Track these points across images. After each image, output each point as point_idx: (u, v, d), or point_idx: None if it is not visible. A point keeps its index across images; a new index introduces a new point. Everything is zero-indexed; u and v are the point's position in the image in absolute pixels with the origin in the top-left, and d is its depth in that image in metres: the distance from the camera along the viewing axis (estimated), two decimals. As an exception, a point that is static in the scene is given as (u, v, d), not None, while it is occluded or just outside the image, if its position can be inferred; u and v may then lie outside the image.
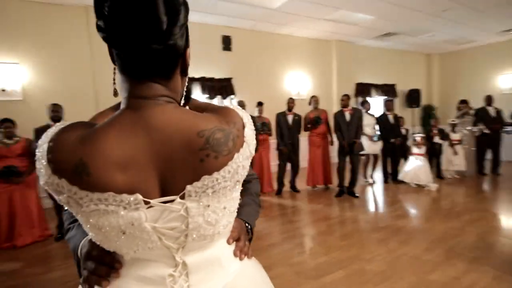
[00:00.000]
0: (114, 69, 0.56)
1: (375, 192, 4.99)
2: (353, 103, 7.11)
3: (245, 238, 0.75)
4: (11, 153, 3.22)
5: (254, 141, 0.63)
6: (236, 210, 0.66)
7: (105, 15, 0.48)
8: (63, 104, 3.57)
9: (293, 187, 5.03)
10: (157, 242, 0.55)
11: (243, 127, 0.60)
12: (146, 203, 0.52)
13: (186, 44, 0.58)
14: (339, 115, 4.69)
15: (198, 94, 5.77)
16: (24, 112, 4.32)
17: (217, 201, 0.58)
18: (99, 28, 0.50)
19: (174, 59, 0.57)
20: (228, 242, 0.68)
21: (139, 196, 0.51)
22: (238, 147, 0.58)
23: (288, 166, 5.01)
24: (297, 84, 6.97)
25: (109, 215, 0.51)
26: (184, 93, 0.68)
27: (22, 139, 3.35)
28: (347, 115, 4.64)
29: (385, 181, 5.44)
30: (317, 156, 5.01)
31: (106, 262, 0.58)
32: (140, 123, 0.53)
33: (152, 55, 0.52)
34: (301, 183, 5.12)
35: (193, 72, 5.70)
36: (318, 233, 3.35)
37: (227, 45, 6.04)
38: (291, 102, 4.98)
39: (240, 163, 0.59)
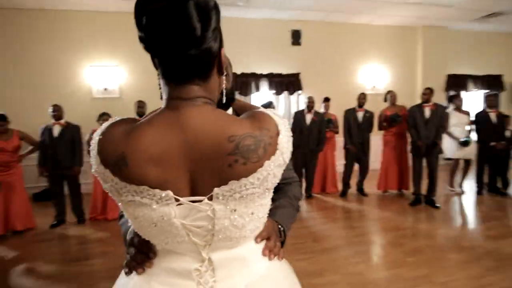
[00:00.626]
0: (158, 74, 0.60)
1: (463, 204, 4.24)
2: (442, 98, 6.16)
3: (275, 239, 0.74)
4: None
5: (290, 149, 0.62)
6: (266, 216, 0.67)
7: (144, 27, 0.52)
8: (152, 101, 4.10)
9: (360, 190, 4.66)
10: (185, 237, 0.59)
11: (277, 134, 0.59)
12: (177, 200, 0.55)
13: (220, 45, 0.60)
14: (415, 110, 4.13)
15: (265, 90, 5.84)
16: (120, 107, 5.11)
17: (244, 206, 0.59)
18: (140, 39, 0.54)
19: (210, 61, 0.58)
20: (256, 241, 0.68)
21: (170, 193, 0.55)
22: (269, 154, 0.58)
23: (356, 166, 4.66)
24: (373, 77, 6.38)
25: (143, 207, 0.56)
26: (225, 93, 0.70)
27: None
28: (427, 111, 4.04)
29: (479, 192, 4.55)
30: (392, 157, 4.52)
31: (143, 251, 0.64)
32: (177, 122, 0.56)
33: (189, 60, 0.55)
34: (370, 186, 4.71)
35: (260, 69, 5.79)
36: (382, 243, 3.04)
37: (297, 39, 5.93)
38: (362, 98, 4.60)
39: (271, 171, 0.59)
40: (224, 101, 0.74)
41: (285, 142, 0.60)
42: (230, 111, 0.95)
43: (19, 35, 5.01)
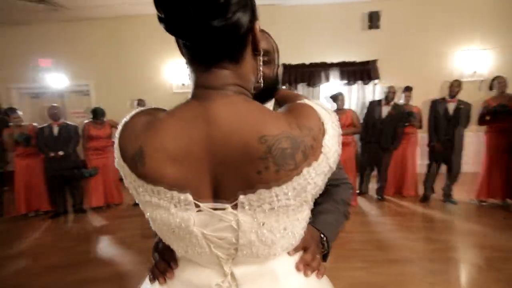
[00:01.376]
0: (186, 63, 0.53)
1: None
2: None
3: (315, 250, 0.64)
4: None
5: (338, 151, 0.51)
6: (302, 232, 0.56)
7: (161, 2, 0.45)
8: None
9: (447, 196, 3.93)
10: (205, 249, 0.51)
11: (323, 133, 0.48)
12: (197, 205, 0.48)
13: (253, 17, 0.49)
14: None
15: (335, 81, 5.45)
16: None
17: (275, 219, 0.49)
18: (159, 19, 0.47)
19: (240, 36, 0.48)
20: (289, 253, 0.58)
21: (189, 197, 0.48)
22: (311, 160, 0.47)
23: (443, 168, 3.94)
24: (473, 62, 5.25)
25: (161, 210, 0.50)
26: (264, 81, 0.62)
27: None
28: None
29: None
30: (499, 160, 3.63)
31: (165, 259, 0.60)
32: (202, 115, 0.48)
33: (214, 35, 0.45)
34: (461, 192, 3.94)
35: (330, 57, 5.40)
36: (469, 265, 2.49)
37: (374, 22, 5.30)
38: (455, 86, 3.81)
39: (311, 180, 0.48)
40: (262, 90, 0.66)
41: (332, 144, 0.50)
42: (271, 103, 0.87)
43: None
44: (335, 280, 0.67)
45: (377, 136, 3.92)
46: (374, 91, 5.46)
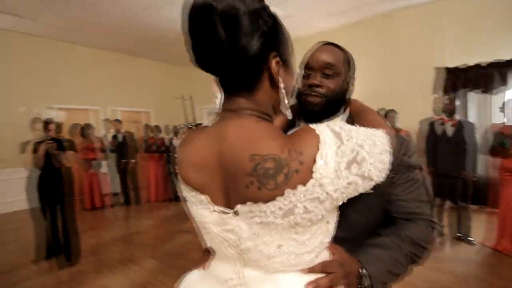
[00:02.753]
0: None
1: None
2: None
3: (337, 279, 0.59)
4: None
5: (340, 181, 0.50)
6: (308, 256, 0.57)
7: (188, 41, 0.55)
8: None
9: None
10: (221, 245, 0.58)
11: (314, 159, 0.49)
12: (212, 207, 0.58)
13: (265, 52, 0.54)
14: None
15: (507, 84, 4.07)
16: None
17: (268, 234, 0.54)
18: (189, 55, 0.56)
19: (248, 69, 0.54)
20: (302, 271, 0.58)
21: (205, 199, 0.57)
22: (295, 183, 0.49)
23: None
24: None
25: (193, 205, 0.61)
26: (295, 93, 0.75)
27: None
28: None
29: None
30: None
31: (208, 249, 0.69)
32: (218, 133, 0.56)
33: (223, 69, 0.54)
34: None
35: (509, 53, 4.05)
36: None
37: None
38: None
39: (300, 204, 0.50)
40: (327, 104, 0.76)
41: (330, 171, 0.49)
42: (344, 116, 0.83)
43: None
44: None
45: None
46: None
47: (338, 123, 0.55)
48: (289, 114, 0.60)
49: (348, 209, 0.67)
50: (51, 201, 3.10)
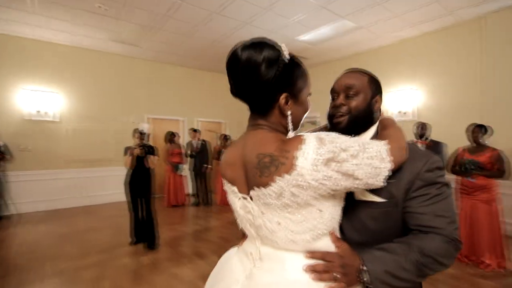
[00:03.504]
0: None
1: None
2: None
3: (334, 267, 0.71)
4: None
5: (318, 173, 0.64)
6: (303, 234, 0.71)
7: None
8: (450, 121, 4.07)
9: None
10: (246, 225, 0.79)
11: (295, 156, 0.66)
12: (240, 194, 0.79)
13: (276, 90, 0.74)
14: None
15: None
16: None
17: (270, 213, 0.71)
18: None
19: (261, 102, 0.76)
20: (306, 255, 0.73)
21: (235, 189, 0.79)
22: (281, 172, 0.66)
23: None
24: None
25: (230, 195, 0.84)
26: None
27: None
28: None
29: None
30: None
31: (243, 231, 0.86)
32: (244, 140, 0.79)
33: (245, 100, 0.78)
34: None
35: None
36: None
37: None
38: None
39: (286, 188, 0.67)
40: (352, 122, 0.88)
41: (307, 167, 0.64)
42: (372, 131, 0.92)
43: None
44: None
45: None
46: None
47: (328, 133, 0.69)
48: (291, 135, 0.76)
49: (365, 216, 0.83)
50: (138, 196, 3.73)
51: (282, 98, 0.74)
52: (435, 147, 3.64)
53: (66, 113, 5.88)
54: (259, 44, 0.72)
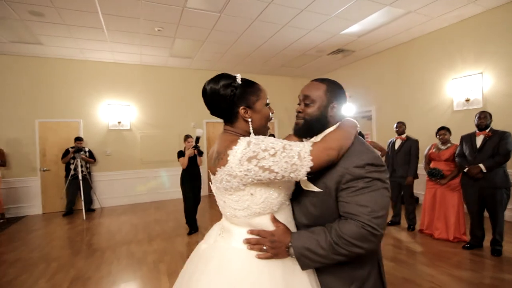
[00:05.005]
0: None
1: None
2: None
3: (264, 242, 0.93)
4: (440, 157, 3.79)
5: (242, 167, 0.88)
6: (241, 211, 0.96)
7: None
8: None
9: None
10: (219, 205, 1.07)
11: (228, 153, 0.91)
12: None
13: (236, 105, 1.00)
14: None
15: None
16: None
17: (220, 193, 1.00)
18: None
19: (227, 115, 1.03)
20: (247, 231, 0.98)
21: (212, 177, 1.02)
22: (220, 164, 0.93)
23: None
24: None
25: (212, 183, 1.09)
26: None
27: (453, 146, 3.75)
28: None
29: None
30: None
31: None
32: (217, 141, 1.04)
33: (217, 116, 1.05)
34: None
35: None
36: None
37: None
38: None
39: (225, 176, 0.92)
40: (307, 126, 1.06)
41: (234, 161, 0.89)
42: (330, 129, 1.09)
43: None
44: None
45: None
46: None
47: (259, 137, 0.92)
48: (252, 136, 0.99)
49: (308, 203, 1.02)
50: (190, 192, 4.33)
51: (241, 109, 1.00)
52: (494, 136, 3.25)
53: (136, 122, 6.89)
54: (217, 77, 1.01)
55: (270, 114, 1.08)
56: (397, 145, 4.34)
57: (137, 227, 4.83)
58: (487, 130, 3.30)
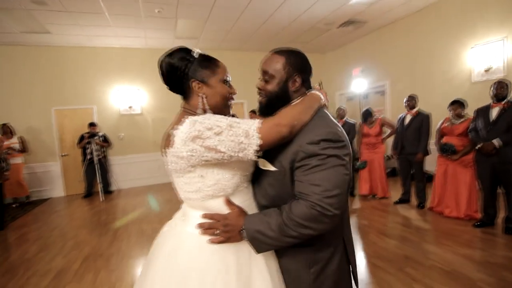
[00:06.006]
0: None
1: None
2: None
3: (216, 225, 0.89)
4: (452, 132, 3.57)
5: (187, 147, 0.83)
6: (190, 193, 0.92)
7: None
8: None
9: None
10: None
11: (174, 134, 0.86)
12: None
13: (188, 78, 0.95)
14: None
15: None
16: None
17: (172, 175, 0.94)
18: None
19: (181, 90, 0.99)
20: (201, 215, 0.93)
21: None
22: (167, 145, 0.88)
23: None
24: None
25: None
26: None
27: (467, 120, 3.51)
28: None
29: None
30: None
31: None
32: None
33: (174, 91, 1.01)
34: None
35: None
36: None
37: None
38: None
39: (171, 158, 0.88)
40: (269, 102, 1.00)
41: (178, 142, 0.84)
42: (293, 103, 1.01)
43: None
44: None
45: None
46: None
47: (205, 116, 0.86)
48: (208, 113, 0.95)
49: (266, 183, 0.97)
50: None
51: (194, 83, 0.96)
52: (511, 109, 2.98)
53: (146, 106, 7.00)
54: (174, 50, 0.97)
55: (230, 93, 1.01)
56: (407, 121, 4.13)
57: (150, 207, 5.04)
58: (504, 101, 3.05)
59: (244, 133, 0.82)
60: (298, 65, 0.97)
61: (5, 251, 3.52)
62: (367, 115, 4.56)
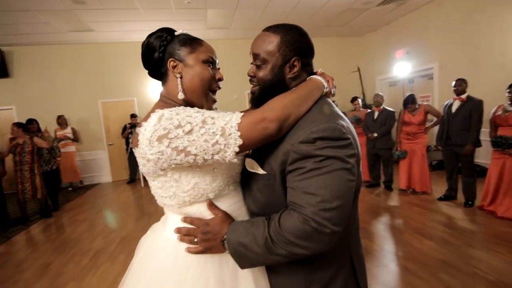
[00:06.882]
0: None
1: None
2: None
3: (196, 232, 0.77)
4: (507, 121, 3.09)
5: (153, 148, 0.68)
6: (164, 197, 0.79)
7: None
8: None
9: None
10: None
11: (139, 133, 0.71)
12: None
13: (163, 61, 0.83)
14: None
15: None
16: None
17: (146, 177, 0.81)
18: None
19: (157, 73, 0.87)
20: (181, 219, 0.81)
21: None
22: (134, 145, 0.74)
23: None
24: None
25: None
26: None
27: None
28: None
29: None
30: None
31: None
32: None
33: (152, 75, 0.89)
34: None
35: None
36: None
37: None
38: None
39: (139, 158, 0.74)
40: (263, 91, 0.82)
41: (145, 140, 0.69)
42: None
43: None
44: None
45: None
46: None
47: (174, 109, 0.70)
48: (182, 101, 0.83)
49: (255, 187, 0.81)
50: None
51: (170, 62, 0.82)
52: None
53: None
54: (156, 31, 0.85)
55: (213, 77, 0.85)
56: (454, 108, 3.65)
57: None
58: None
59: (220, 130, 0.66)
60: (297, 45, 0.78)
61: (57, 230, 3.98)
62: (409, 101, 4.12)
